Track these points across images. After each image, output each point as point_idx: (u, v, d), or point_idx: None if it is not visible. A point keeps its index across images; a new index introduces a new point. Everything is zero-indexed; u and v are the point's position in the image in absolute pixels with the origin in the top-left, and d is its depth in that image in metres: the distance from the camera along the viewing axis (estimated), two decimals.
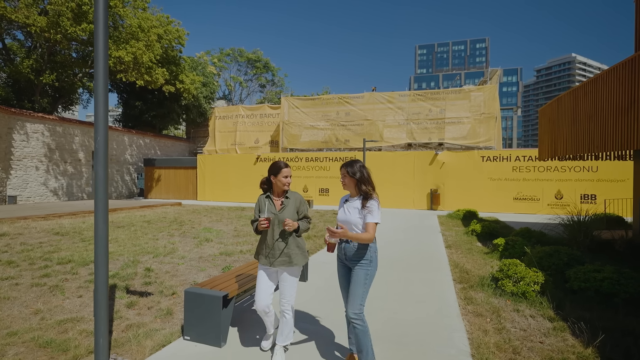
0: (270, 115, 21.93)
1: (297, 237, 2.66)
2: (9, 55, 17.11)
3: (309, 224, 2.77)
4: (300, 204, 2.72)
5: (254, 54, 32.80)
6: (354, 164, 2.52)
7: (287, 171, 2.66)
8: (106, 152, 2.56)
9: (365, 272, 2.40)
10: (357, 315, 2.34)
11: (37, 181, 15.95)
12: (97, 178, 2.55)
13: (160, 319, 3.39)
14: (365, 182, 2.45)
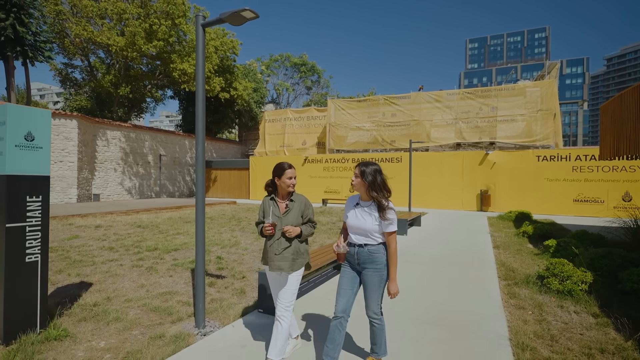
0: (316, 117, 22.67)
1: (299, 242, 2.60)
2: (93, 72, 19.70)
3: (313, 228, 2.69)
4: (305, 207, 2.64)
5: (300, 58, 33.94)
6: (369, 165, 2.40)
7: (291, 172, 2.58)
8: (203, 159, 3.26)
9: (380, 276, 2.39)
10: (377, 315, 2.44)
11: (115, 181, 18.20)
12: (197, 180, 3.26)
13: (236, 296, 4.09)
14: (377, 189, 2.34)
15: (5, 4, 13.99)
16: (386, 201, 2.36)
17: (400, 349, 2.87)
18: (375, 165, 2.40)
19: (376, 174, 2.36)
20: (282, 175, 2.56)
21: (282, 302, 2.52)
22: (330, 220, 10.73)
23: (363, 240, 2.40)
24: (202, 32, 3.14)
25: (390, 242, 2.37)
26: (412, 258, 6.14)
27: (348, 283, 2.46)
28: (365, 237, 2.40)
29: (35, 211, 2.91)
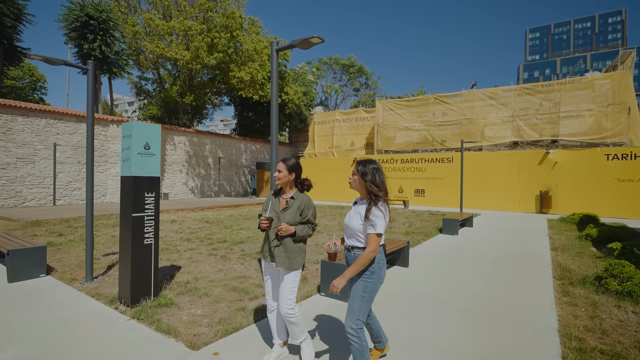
0: (364, 118, 22.94)
1: (294, 241, 2.54)
2: (162, 84, 21.93)
3: (310, 229, 2.61)
4: (305, 207, 2.58)
5: (348, 60, 34.36)
6: (367, 163, 2.32)
7: (278, 165, 2.61)
8: (276, 161, 3.84)
9: (364, 284, 2.19)
10: (354, 330, 2.15)
11: (180, 182, 20.11)
12: (272, 180, 3.85)
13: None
14: (376, 186, 2.23)
15: (94, 29, 16.24)
16: (380, 201, 2.20)
17: (451, 334, 3.19)
18: (374, 163, 2.31)
19: (375, 172, 2.26)
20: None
21: (283, 301, 2.50)
22: None
23: (351, 242, 2.30)
24: (276, 55, 3.73)
25: (369, 243, 2.14)
26: (462, 257, 6.29)
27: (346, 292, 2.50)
28: (352, 239, 2.29)
29: (150, 204, 3.71)
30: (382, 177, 2.28)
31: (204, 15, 18.54)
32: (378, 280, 2.23)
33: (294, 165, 2.61)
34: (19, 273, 4.49)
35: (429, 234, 8.56)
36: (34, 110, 14.13)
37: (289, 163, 2.60)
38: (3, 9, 15.51)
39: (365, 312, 2.20)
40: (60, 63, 4.17)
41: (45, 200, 14.46)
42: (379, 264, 2.25)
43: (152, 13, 18.73)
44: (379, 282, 2.25)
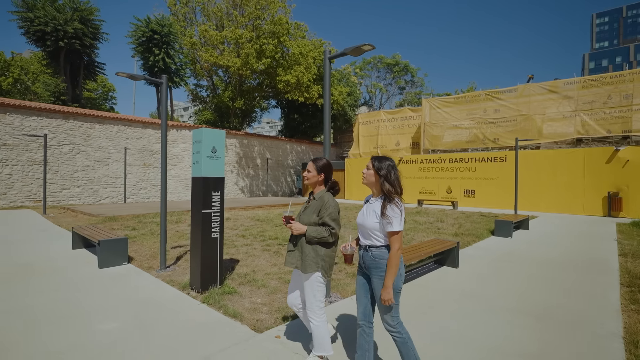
0: (410, 117, 22.53)
1: (308, 243, 2.45)
2: (215, 90, 23.36)
3: (326, 232, 2.42)
4: (322, 207, 2.46)
5: (392, 58, 33.87)
6: (383, 159, 2.26)
7: (308, 165, 2.59)
8: None
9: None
10: (392, 326, 2.21)
11: (231, 182, 21.28)
12: None
13: (349, 278, 4.86)
14: (391, 183, 2.19)
15: (158, 43, 17.83)
16: (395, 198, 2.17)
17: (503, 334, 3.20)
18: (390, 160, 2.26)
19: (391, 169, 2.22)
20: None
21: (307, 307, 2.51)
22: (427, 220, 10.86)
23: (366, 242, 2.26)
24: (328, 63, 3.97)
25: (392, 243, 2.13)
26: (516, 260, 6.07)
27: (361, 290, 2.36)
28: (368, 238, 2.25)
29: (216, 202, 4.14)
30: (397, 175, 2.22)
31: (253, 23, 19.48)
32: (399, 278, 2.19)
33: (324, 165, 2.56)
34: (107, 260, 5.21)
35: (479, 235, 8.31)
36: (108, 118, 15.87)
37: (319, 163, 2.56)
38: (84, 30, 17.60)
39: (396, 309, 2.20)
40: (140, 78, 4.79)
41: (117, 198, 16.16)
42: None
43: (207, 25, 20.07)
44: (400, 280, 2.20)
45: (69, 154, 14.75)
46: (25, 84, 23.72)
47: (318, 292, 2.47)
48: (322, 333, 2.46)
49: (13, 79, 22.82)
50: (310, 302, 2.48)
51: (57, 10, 17.12)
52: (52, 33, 16.96)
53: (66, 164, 14.69)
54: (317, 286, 2.47)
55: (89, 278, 4.72)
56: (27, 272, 4.95)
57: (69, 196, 14.78)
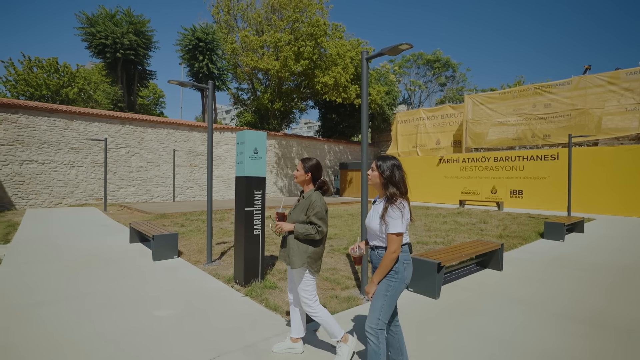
0: (451, 115, 21.74)
1: (295, 239, 2.58)
2: (255, 92, 24.16)
3: (312, 230, 2.53)
4: (309, 206, 2.57)
5: (433, 54, 32.86)
6: (387, 159, 2.24)
7: (298, 164, 2.72)
8: (366, 162, 4.13)
9: (387, 284, 2.13)
10: (372, 330, 2.12)
11: (270, 181, 21.88)
12: (362, 181, 4.15)
13: None
14: (394, 184, 2.15)
15: (203, 50, 18.84)
16: (398, 199, 2.11)
17: (555, 344, 3.06)
18: (394, 159, 2.24)
19: (395, 169, 2.19)
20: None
21: (301, 300, 2.64)
22: (469, 221, 10.46)
23: (373, 242, 2.24)
24: (366, 64, 4.02)
25: (388, 244, 2.07)
26: (568, 264, 5.69)
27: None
28: (375, 239, 2.22)
29: (258, 200, 4.35)
30: (401, 174, 2.19)
31: (292, 26, 19.89)
32: (402, 281, 2.13)
33: (312, 165, 2.68)
34: (160, 254, 5.66)
35: (527, 238, 7.87)
36: (159, 123, 17.04)
37: (307, 163, 2.69)
38: (138, 41, 19.05)
39: (387, 313, 2.12)
40: (189, 85, 5.16)
41: (167, 197, 17.30)
42: (404, 264, 2.15)
43: (247, 30, 20.82)
44: (403, 283, 2.14)
45: (125, 156, 16.05)
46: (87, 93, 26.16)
47: (308, 286, 2.61)
48: (326, 321, 2.59)
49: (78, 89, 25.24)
50: (301, 296, 2.62)
51: (115, 24, 18.70)
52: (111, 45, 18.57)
53: (123, 165, 15.99)
54: (306, 280, 2.61)
55: (145, 269, 5.16)
56: (92, 262, 5.52)
57: (125, 195, 16.08)
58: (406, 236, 2.18)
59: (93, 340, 2.93)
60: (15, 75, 23.99)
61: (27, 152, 13.66)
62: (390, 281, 2.12)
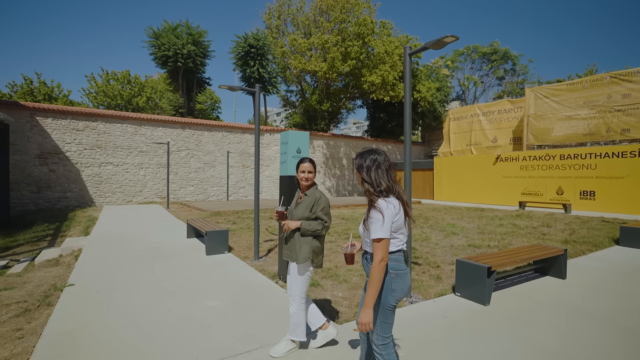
0: (510, 110, 20.20)
1: (301, 236, 2.66)
2: (303, 94, 24.65)
3: (319, 225, 2.63)
4: (315, 203, 2.66)
5: (490, 47, 30.81)
6: (366, 154, 1.98)
7: (304, 166, 2.69)
8: (410, 162, 4.03)
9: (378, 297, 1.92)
10: (377, 347, 1.96)
11: (318, 181, 22.13)
12: (405, 179, 4.06)
13: (433, 280, 4.68)
14: (369, 181, 1.91)
15: (254, 55, 19.71)
16: (378, 200, 1.87)
17: (622, 358, 2.73)
18: (374, 153, 1.97)
19: (372, 164, 1.94)
20: (298, 169, 2.74)
21: (289, 291, 2.73)
22: (529, 224, 9.64)
23: (365, 247, 2.03)
24: (409, 59, 3.92)
25: (374, 252, 1.83)
26: None
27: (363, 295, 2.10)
28: (365, 245, 2.03)
29: None
30: (381, 171, 1.91)
31: (339, 27, 19.96)
32: (389, 293, 1.89)
33: (314, 165, 2.80)
34: (212, 249, 6.04)
35: (598, 244, 7.05)
36: (214, 126, 18.15)
37: (314, 164, 2.77)
38: (196, 50, 20.49)
39: (384, 327, 1.93)
40: (238, 89, 5.45)
41: (221, 196, 18.36)
42: (391, 274, 1.89)
43: (296, 34, 21.32)
44: (390, 295, 1.89)
45: (185, 158, 17.34)
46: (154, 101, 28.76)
47: (304, 282, 2.70)
48: (299, 320, 2.68)
49: (146, 98, 27.86)
50: (294, 290, 2.69)
51: (176, 36, 20.33)
52: (172, 56, 20.22)
53: (183, 166, 17.30)
54: (305, 276, 2.70)
55: (199, 262, 5.55)
56: (156, 254, 6.07)
57: (185, 194, 17.37)
58: (398, 243, 1.92)
59: (153, 324, 3.23)
60: (95, 88, 27.18)
61: (104, 155, 15.38)
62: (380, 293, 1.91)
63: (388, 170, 1.95)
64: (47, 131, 14.21)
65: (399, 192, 1.95)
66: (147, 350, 2.75)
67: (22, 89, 25.86)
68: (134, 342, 2.88)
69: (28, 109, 13.84)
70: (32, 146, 13.89)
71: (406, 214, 1.94)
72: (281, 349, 2.67)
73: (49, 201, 14.22)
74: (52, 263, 5.76)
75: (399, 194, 1.94)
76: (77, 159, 14.83)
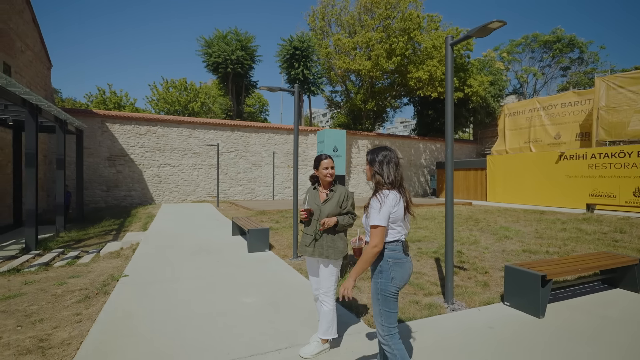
0: (576, 103, 18.27)
1: (335, 232, 2.66)
2: (348, 94, 24.53)
3: (351, 219, 2.72)
4: (344, 198, 2.70)
5: (552, 34, 28.15)
6: (378, 151, 2.11)
7: (326, 163, 2.70)
8: (452, 160, 3.78)
9: (375, 286, 2.03)
10: (382, 337, 2.01)
11: (363, 181, 21.86)
12: (447, 179, 3.82)
13: (480, 287, 4.35)
14: (381, 174, 2.03)
15: (299, 57, 20.02)
16: (382, 190, 2.00)
17: None
18: (386, 150, 2.10)
19: (384, 159, 2.06)
20: (319, 167, 2.70)
21: (322, 288, 2.68)
22: (598, 230, 8.60)
23: (367, 238, 2.09)
24: (450, 50, 3.68)
25: (370, 237, 1.95)
26: None
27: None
28: (368, 235, 2.07)
29: None
30: (392, 166, 2.05)
31: (383, 24, 19.55)
32: (389, 281, 1.97)
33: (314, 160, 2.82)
34: (254, 246, 6.21)
35: None
36: (261, 128, 18.76)
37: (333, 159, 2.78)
38: (244, 55, 21.34)
39: (388, 317, 1.98)
40: (277, 90, 5.55)
41: (268, 195, 18.91)
42: (389, 263, 1.99)
43: (340, 34, 21.28)
44: (390, 283, 1.97)
45: (234, 159, 18.15)
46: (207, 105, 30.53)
47: (337, 278, 2.72)
48: (333, 317, 2.66)
49: (200, 103, 29.69)
50: (328, 286, 2.67)
51: (226, 43, 21.34)
52: (222, 62, 21.26)
53: (232, 167, 18.12)
54: (338, 271, 2.72)
55: (240, 259, 5.73)
56: (202, 250, 6.40)
57: (234, 193, 18.17)
58: (396, 233, 2.01)
59: (190, 317, 3.38)
60: (157, 95, 29.55)
61: (163, 157, 16.63)
62: (377, 282, 2.02)
63: (397, 165, 2.09)
64: (114, 136, 15.71)
65: (403, 187, 2.07)
66: (181, 342, 2.88)
67: (96, 98, 28.96)
68: (171, 334, 3.03)
69: (99, 116, 15.42)
70: (102, 149, 15.45)
71: (407, 209, 2.04)
72: (312, 350, 2.63)
73: (116, 199, 15.71)
74: (114, 255, 6.33)
75: (403, 189, 2.06)
76: (140, 160, 16.20)
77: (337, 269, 2.71)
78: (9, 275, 4.99)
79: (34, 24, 12.93)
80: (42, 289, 4.25)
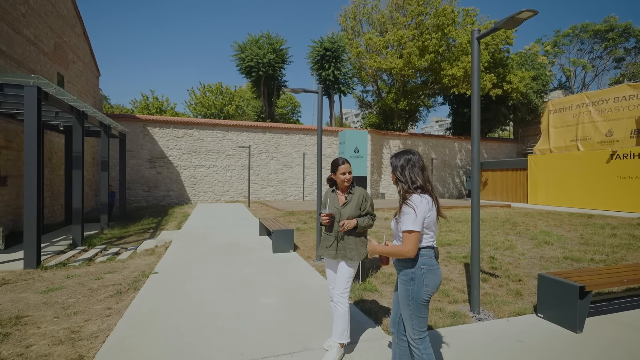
0: (631, 97, 16.65)
1: (356, 233, 2.67)
2: (380, 94, 24.17)
3: (371, 220, 2.74)
4: (363, 200, 2.72)
5: (604, 23, 25.94)
6: (401, 155, 2.07)
7: (344, 168, 2.69)
8: (478, 160, 3.58)
9: (406, 292, 2.00)
10: (414, 340, 2.01)
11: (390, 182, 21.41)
12: (473, 179, 3.62)
13: (511, 296, 4.07)
14: (405, 180, 2.00)
15: (329, 58, 20.07)
16: (412, 195, 1.95)
17: None
18: (409, 154, 2.06)
19: (409, 161, 2.03)
20: (336, 171, 2.72)
21: (337, 289, 2.66)
22: None
23: (394, 242, 2.10)
24: (477, 44, 3.48)
25: (403, 242, 1.91)
26: None
27: (396, 296, 2.22)
28: (395, 239, 2.09)
29: None
30: (416, 170, 2.01)
31: (416, 21, 19.05)
32: (421, 288, 1.96)
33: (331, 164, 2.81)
34: (278, 247, 6.27)
35: None
36: (292, 129, 18.98)
37: (350, 163, 2.81)
38: (276, 58, 21.73)
39: (419, 321, 2.00)
40: (300, 91, 5.56)
41: (298, 196, 19.08)
42: (422, 270, 1.97)
43: (371, 33, 21.01)
44: (423, 290, 1.96)
45: (265, 160, 18.52)
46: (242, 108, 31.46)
47: (352, 279, 2.71)
48: (347, 320, 2.64)
49: (235, 106, 30.66)
50: (344, 288, 2.65)
51: (258, 47, 21.88)
52: (255, 66, 21.82)
53: (263, 168, 18.49)
54: (354, 271, 2.70)
55: (264, 259, 5.81)
56: (229, 249, 6.56)
57: (265, 194, 18.53)
58: (429, 239, 2.00)
59: (210, 315, 3.46)
60: (195, 99, 30.91)
61: (198, 159, 17.34)
62: (408, 289, 2.00)
63: (422, 169, 2.04)
64: (155, 139, 16.61)
65: (433, 191, 2.03)
66: (199, 341, 2.95)
67: (140, 104, 30.84)
68: (191, 331, 3.11)
69: (141, 120, 16.37)
70: (144, 152, 16.39)
71: (438, 212, 2.02)
72: (333, 357, 2.57)
73: (156, 198, 16.60)
74: (149, 252, 6.67)
75: (432, 193, 2.03)
76: (177, 162, 17.00)
77: (354, 270, 2.71)
78: (55, 269, 5.41)
79: (85, 37, 13.99)
80: (80, 283, 4.56)
